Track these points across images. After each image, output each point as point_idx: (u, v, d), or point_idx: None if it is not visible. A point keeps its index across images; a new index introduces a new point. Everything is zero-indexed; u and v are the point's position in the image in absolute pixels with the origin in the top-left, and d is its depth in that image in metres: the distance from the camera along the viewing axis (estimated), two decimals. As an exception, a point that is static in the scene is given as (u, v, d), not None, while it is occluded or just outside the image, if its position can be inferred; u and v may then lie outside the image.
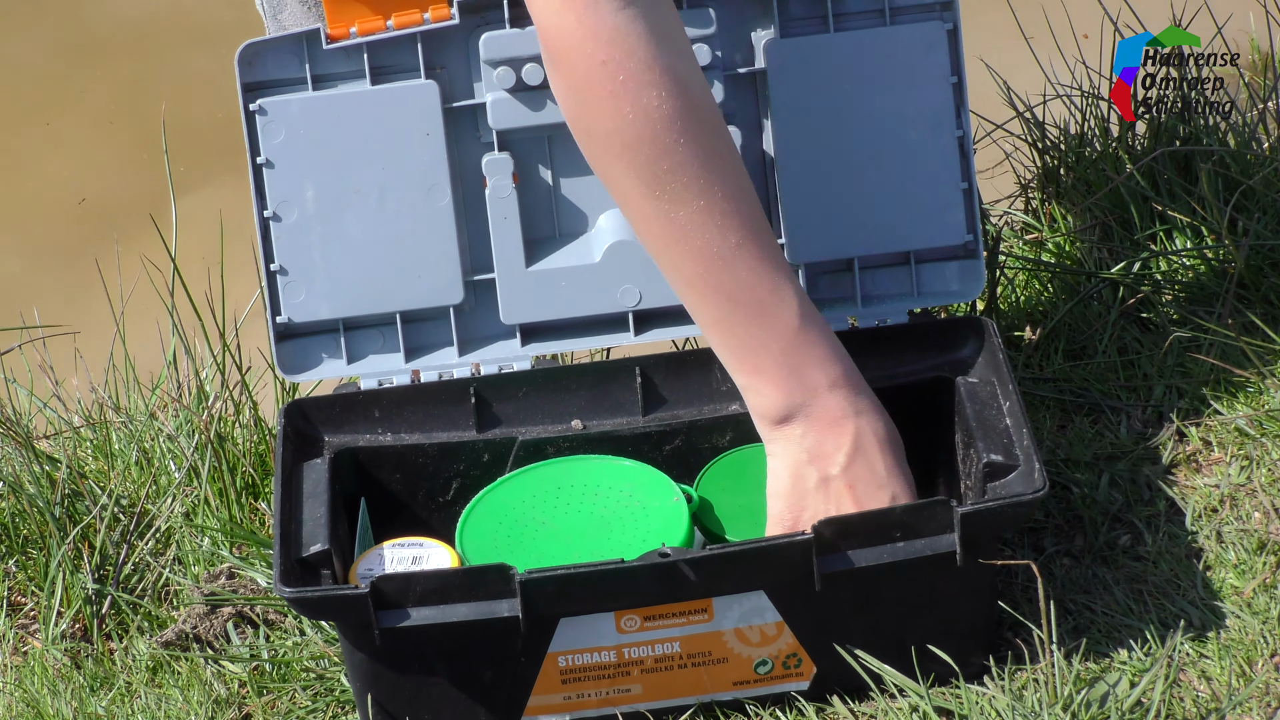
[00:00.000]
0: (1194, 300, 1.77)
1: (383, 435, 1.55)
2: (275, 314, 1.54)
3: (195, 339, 1.89)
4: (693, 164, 1.34)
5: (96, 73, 3.14)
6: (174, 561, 1.69)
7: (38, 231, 2.89)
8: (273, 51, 1.51)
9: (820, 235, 1.55)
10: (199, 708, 1.53)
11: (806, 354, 1.39)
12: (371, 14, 1.50)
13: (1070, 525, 1.58)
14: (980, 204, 1.60)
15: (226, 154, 1.71)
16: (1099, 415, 1.69)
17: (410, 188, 1.53)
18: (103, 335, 2.01)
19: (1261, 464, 1.60)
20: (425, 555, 1.46)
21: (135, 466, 1.79)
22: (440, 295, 1.54)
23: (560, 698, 1.41)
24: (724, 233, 1.36)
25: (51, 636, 1.63)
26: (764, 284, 1.38)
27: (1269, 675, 1.41)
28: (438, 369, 1.55)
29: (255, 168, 1.52)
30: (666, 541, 1.43)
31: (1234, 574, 1.51)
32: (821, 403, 1.40)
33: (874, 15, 1.53)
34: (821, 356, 1.39)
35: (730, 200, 1.36)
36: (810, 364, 1.39)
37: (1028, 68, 2.05)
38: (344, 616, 1.36)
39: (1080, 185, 1.94)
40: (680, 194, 1.35)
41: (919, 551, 1.36)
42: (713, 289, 1.38)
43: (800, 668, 1.41)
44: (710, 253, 1.37)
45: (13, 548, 1.74)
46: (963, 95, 1.53)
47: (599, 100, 1.33)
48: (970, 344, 1.54)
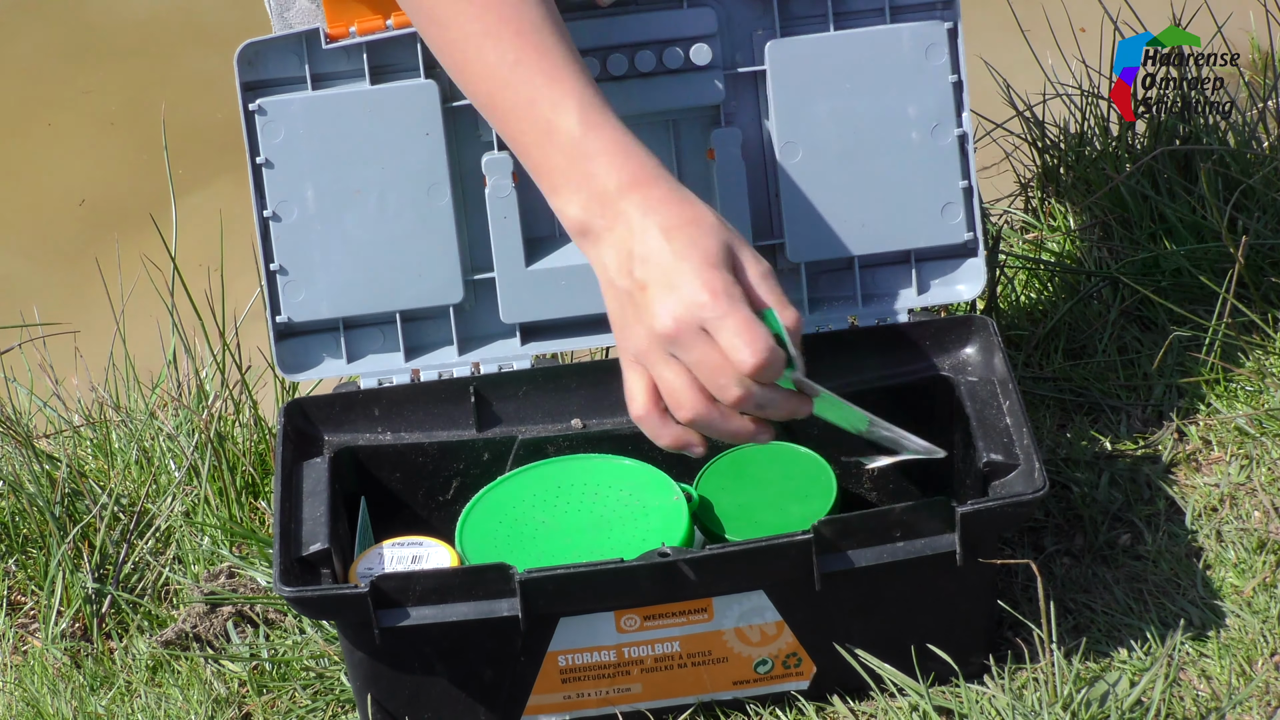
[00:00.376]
0: (1194, 300, 1.77)
1: (383, 434, 1.55)
2: (275, 313, 1.54)
3: (195, 338, 1.90)
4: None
5: (100, 73, 3.14)
6: (174, 561, 1.70)
7: (38, 231, 2.89)
8: (272, 51, 1.51)
9: (820, 234, 1.55)
10: (199, 707, 1.53)
11: (593, 164, 1.33)
12: (371, 13, 1.50)
13: (1070, 524, 1.58)
14: (980, 203, 1.60)
15: (229, 153, 1.71)
16: (1099, 414, 1.69)
17: (410, 187, 1.53)
18: (103, 334, 2.01)
19: (1261, 463, 1.60)
20: (425, 554, 1.46)
21: (135, 465, 1.79)
22: (440, 294, 1.54)
23: (560, 697, 1.41)
24: (501, 52, 1.34)
25: (51, 636, 1.63)
26: (544, 99, 1.34)
27: (1269, 674, 1.41)
28: (437, 368, 1.55)
29: (254, 167, 1.52)
30: (666, 541, 1.43)
31: (1234, 573, 1.51)
32: (611, 209, 1.33)
33: (875, 14, 1.53)
34: (608, 163, 1.33)
35: (507, 20, 1.33)
36: (597, 173, 1.33)
37: (1028, 67, 2.05)
38: (344, 616, 1.36)
39: (1080, 184, 1.95)
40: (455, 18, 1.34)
41: (919, 551, 1.36)
42: (501, 111, 1.35)
43: (800, 667, 1.41)
44: (491, 74, 1.35)
45: (12, 547, 1.74)
46: (963, 94, 1.53)
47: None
48: (971, 344, 1.54)
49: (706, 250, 1.30)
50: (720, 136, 1.54)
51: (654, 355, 1.32)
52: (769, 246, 1.56)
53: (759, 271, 1.32)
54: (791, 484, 1.50)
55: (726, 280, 1.30)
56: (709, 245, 1.30)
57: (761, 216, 1.56)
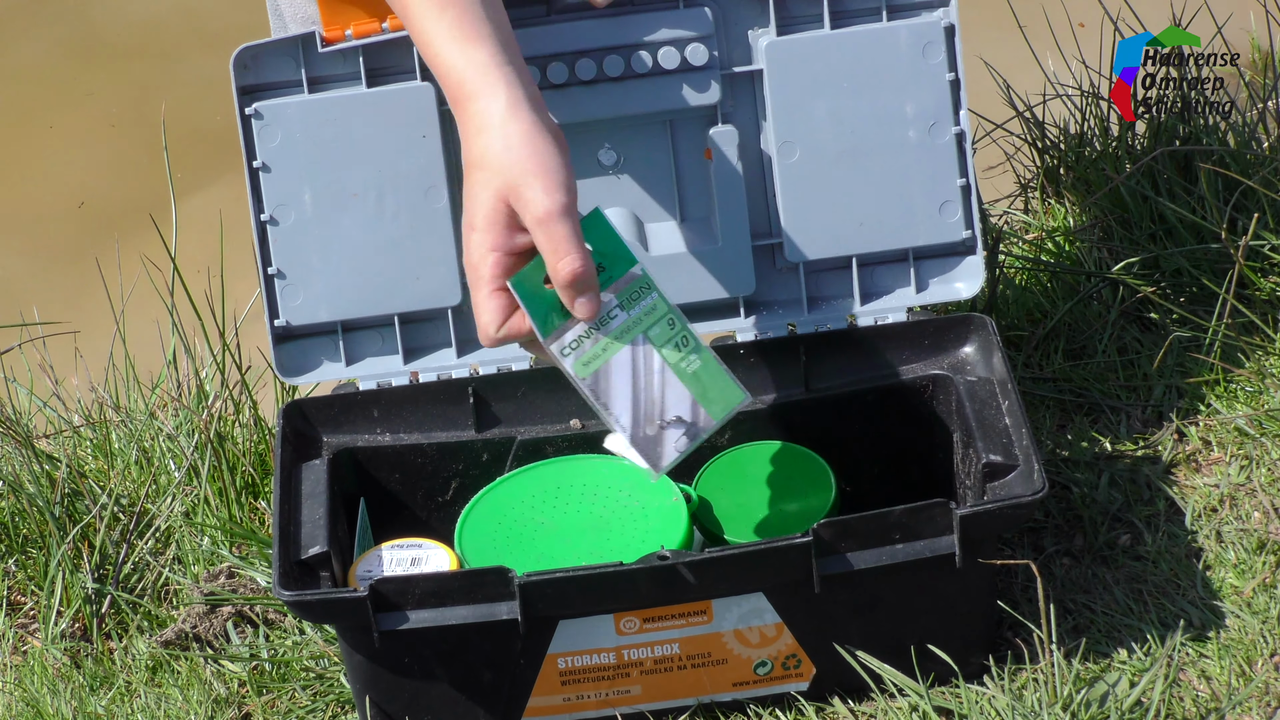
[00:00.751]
0: (1194, 300, 1.77)
1: (382, 435, 1.55)
2: (273, 317, 1.54)
3: (195, 339, 1.90)
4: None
5: (102, 74, 3.14)
6: (174, 561, 1.70)
7: (38, 232, 2.89)
8: (268, 55, 1.51)
9: (819, 233, 1.55)
10: (199, 707, 1.53)
11: (435, 67, 1.34)
12: (367, 16, 1.50)
13: (1070, 525, 1.58)
14: (980, 202, 1.59)
15: (230, 155, 1.71)
16: (1099, 415, 1.69)
17: (407, 190, 1.52)
18: (103, 335, 2.01)
19: (1261, 464, 1.60)
20: (424, 556, 1.46)
21: (135, 466, 1.79)
22: (438, 297, 1.54)
23: (560, 699, 1.41)
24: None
25: (51, 636, 1.63)
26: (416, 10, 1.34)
27: (1269, 675, 1.41)
28: (436, 370, 1.55)
29: (252, 171, 1.52)
30: (665, 541, 1.43)
31: (1234, 574, 1.50)
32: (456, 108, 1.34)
33: (871, 13, 1.53)
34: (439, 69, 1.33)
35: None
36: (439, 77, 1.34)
37: (1028, 67, 2.05)
38: (343, 620, 1.36)
39: (1080, 185, 1.94)
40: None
41: (918, 553, 1.36)
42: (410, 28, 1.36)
43: (800, 668, 1.41)
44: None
45: (12, 547, 1.74)
46: (960, 92, 1.53)
47: None
48: (970, 343, 1.54)
49: (476, 205, 1.30)
50: (718, 136, 1.54)
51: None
52: (767, 246, 1.56)
53: (533, 217, 1.29)
54: (790, 483, 1.50)
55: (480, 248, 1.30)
56: (480, 198, 1.30)
57: (759, 216, 1.56)
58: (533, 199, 1.28)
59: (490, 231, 1.30)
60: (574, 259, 1.28)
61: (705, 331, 1.58)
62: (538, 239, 1.29)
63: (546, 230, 1.28)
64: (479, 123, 1.30)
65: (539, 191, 1.28)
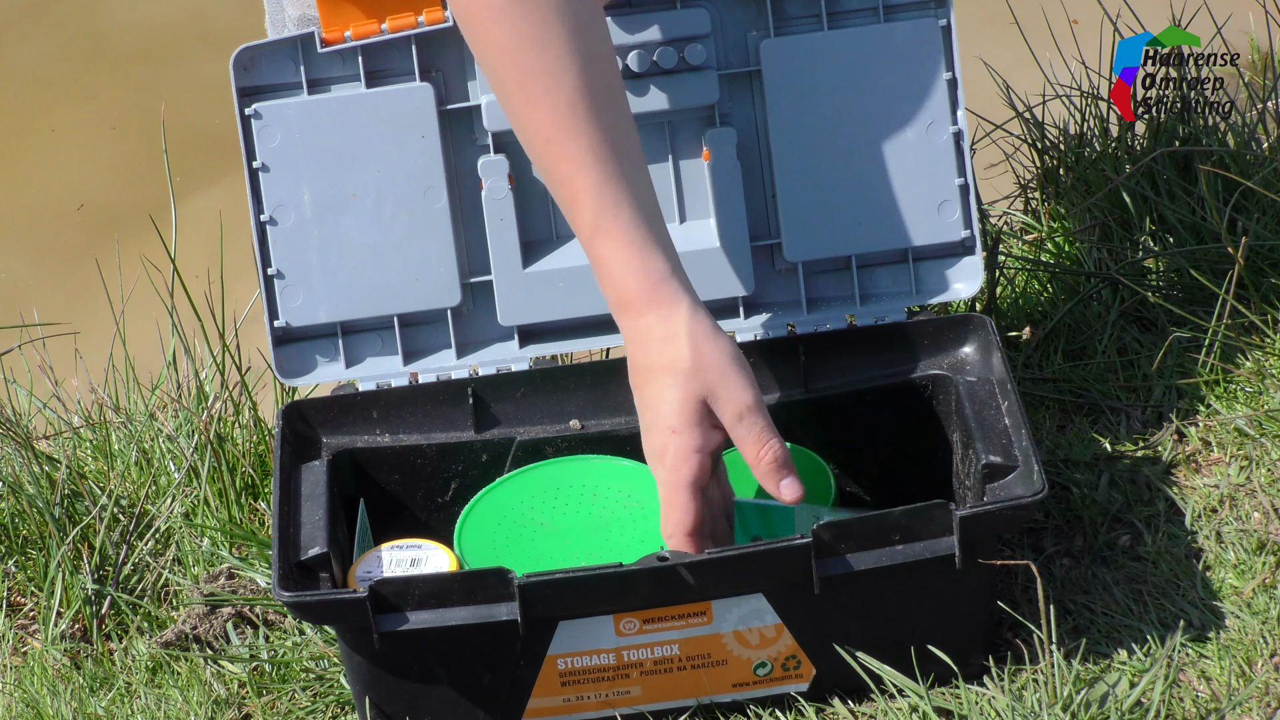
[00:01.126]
0: (1193, 300, 1.77)
1: (381, 436, 1.55)
2: (273, 318, 1.54)
3: (195, 340, 1.90)
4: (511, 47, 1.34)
5: (105, 78, 3.15)
6: (173, 562, 1.70)
7: (38, 233, 2.89)
8: (268, 56, 1.51)
9: (818, 233, 1.55)
10: (199, 708, 1.53)
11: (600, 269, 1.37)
12: (366, 17, 1.50)
13: (1070, 525, 1.58)
14: (979, 202, 1.60)
15: (231, 157, 1.71)
16: (1098, 415, 1.69)
17: (406, 190, 1.53)
18: (102, 336, 2.01)
19: (1261, 464, 1.60)
20: (424, 557, 1.46)
21: (135, 467, 1.79)
22: (438, 298, 1.54)
23: (560, 700, 1.41)
24: (539, 126, 1.36)
25: (51, 637, 1.63)
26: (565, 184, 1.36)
27: (1269, 675, 1.41)
28: (436, 372, 1.55)
29: (251, 172, 1.52)
30: (664, 543, 1.43)
31: (1233, 574, 1.50)
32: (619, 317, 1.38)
33: (869, 13, 1.53)
34: (607, 273, 1.37)
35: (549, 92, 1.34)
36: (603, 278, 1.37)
37: (1027, 68, 2.05)
38: (343, 621, 1.36)
39: (1080, 185, 1.94)
40: (503, 82, 1.36)
41: (918, 554, 1.36)
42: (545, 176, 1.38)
43: (800, 669, 1.41)
44: (533, 140, 1.37)
45: (12, 548, 1.74)
46: (957, 91, 1.53)
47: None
48: (969, 343, 1.54)
49: (671, 407, 1.36)
50: (716, 137, 1.54)
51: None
52: (766, 246, 1.56)
53: (734, 413, 1.36)
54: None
55: (685, 449, 1.36)
56: (674, 400, 1.36)
57: (758, 216, 1.56)
58: (732, 396, 1.36)
59: (693, 433, 1.36)
60: (774, 445, 1.36)
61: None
62: (736, 433, 1.36)
63: (749, 421, 1.36)
64: (662, 331, 1.36)
65: (736, 388, 1.36)
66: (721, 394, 1.36)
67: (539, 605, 1.34)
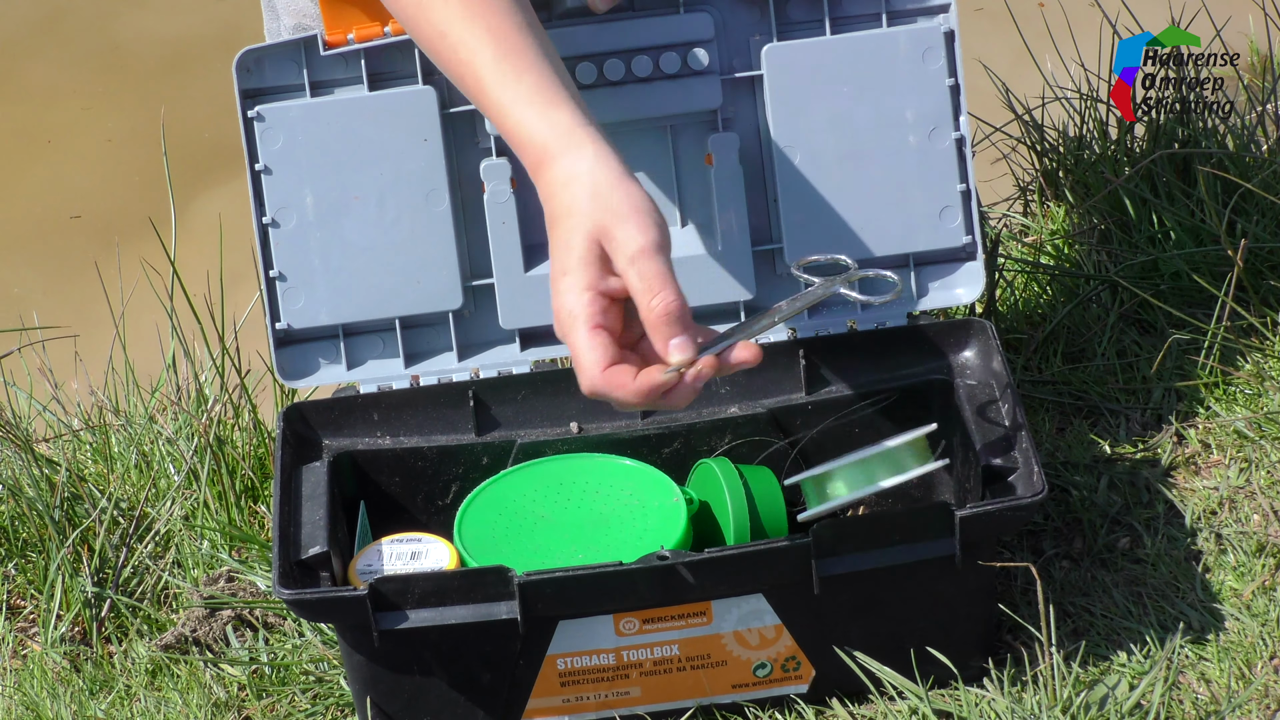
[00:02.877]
0: (1193, 303, 1.77)
1: (381, 438, 1.55)
2: (275, 320, 1.54)
3: (195, 343, 1.90)
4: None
5: (115, 89, 3.15)
6: (173, 565, 1.70)
7: (39, 237, 2.90)
8: (271, 58, 1.51)
9: (819, 238, 1.55)
10: (198, 711, 1.53)
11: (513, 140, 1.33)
12: (369, 20, 1.50)
13: (1069, 528, 1.58)
14: (979, 206, 1.60)
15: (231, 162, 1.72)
16: (1098, 418, 1.69)
17: (409, 193, 1.53)
18: (102, 339, 2.01)
19: (1260, 466, 1.60)
20: (424, 551, 1.47)
21: (134, 470, 1.79)
22: (439, 300, 1.54)
23: (559, 700, 1.41)
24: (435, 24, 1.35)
25: (51, 640, 1.63)
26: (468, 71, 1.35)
27: (1268, 677, 1.41)
28: (437, 374, 1.55)
29: (254, 174, 1.52)
30: (664, 541, 1.43)
31: (1233, 576, 1.51)
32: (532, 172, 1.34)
33: (871, 18, 1.53)
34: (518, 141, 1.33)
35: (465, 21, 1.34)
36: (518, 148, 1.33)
37: (1027, 70, 2.05)
38: (342, 618, 1.37)
39: (1079, 188, 1.95)
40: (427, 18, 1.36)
41: (918, 555, 1.36)
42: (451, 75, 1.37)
43: (799, 670, 1.41)
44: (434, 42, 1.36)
45: (12, 551, 1.74)
46: (960, 97, 1.54)
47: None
48: (970, 347, 1.55)
49: (567, 251, 1.28)
50: (718, 141, 1.54)
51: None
52: (767, 251, 1.56)
53: (626, 255, 1.27)
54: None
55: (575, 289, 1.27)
56: (568, 241, 1.28)
57: (760, 221, 1.56)
58: (627, 237, 1.27)
59: (584, 272, 1.27)
60: (668, 294, 1.26)
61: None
62: (629, 279, 1.27)
63: (640, 267, 1.27)
64: (565, 176, 1.29)
65: (632, 229, 1.27)
66: (616, 234, 1.26)
67: (539, 603, 1.34)
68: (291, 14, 1.60)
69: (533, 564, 1.42)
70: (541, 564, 1.43)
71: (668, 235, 1.28)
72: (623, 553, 1.43)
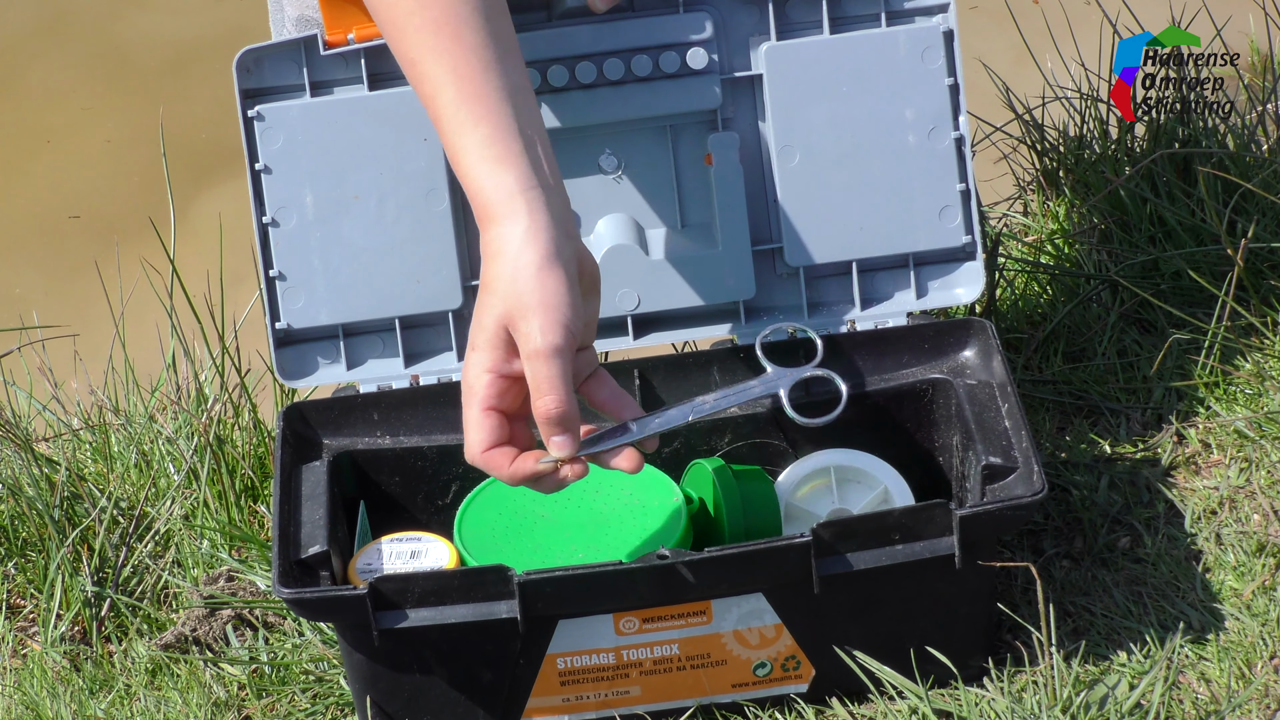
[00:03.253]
0: (1193, 302, 1.77)
1: (381, 438, 1.55)
2: (274, 320, 1.54)
3: (195, 342, 1.90)
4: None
5: (117, 91, 3.15)
6: (173, 564, 1.70)
7: (38, 236, 2.90)
8: (271, 58, 1.51)
9: (819, 238, 1.56)
10: (198, 710, 1.53)
11: (462, 184, 1.34)
12: (369, 20, 1.50)
13: (1070, 527, 1.58)
14: (979, 206, 1.60)
15: (231, 162, 1.72)
16: (1098, 417, 1.69)
17: (409, 193, 1.53)
18: (102, 338, 2.01)
19: (1261, 466, 1.60)
20: (424, 549, 1.47)
21: (134, 469, 1.79)
22: (439, 300, 1.54)
23: (559, 699, 1.41)
24: (405, 49, 1.35)
25: (50, 639, 1.63)
26: (429, 106, 1.34)
27: (1268, 677, 1.41)
28: (437, 374, 1.56)
29: (254, 174, 1.52)
30: (663, 540, 1.43)
31: (1233, 576, 1.51)
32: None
33: (871, 18, 1.53)
34: (466, 188, 1.33)
35: (413, 14, 1.33)
36: (467, 193, 1.34)
37: (1027, 70, 2.06)
38: (342, 617, 1.37)
39: (1079, 187, 1.95)
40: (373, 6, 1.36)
41: (918, 554, 1.36)
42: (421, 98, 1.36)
43: (799, 670, 1.41)
44: (402, 62, 1.36)
45: (12, 550, 1.74)
46: (959, 97, 1.54)
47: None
48: (970, 347, 1.55)
49: (477, 324, 1.32)
50: (718, 141, 1.54)
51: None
52: (767, 251, 1.56)
53: (523, 351, 1.30)
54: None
55: (477, 367, 1.32)
56: (480, 318, 1.32)
57: (760, 220, 1.56)
58: (528, 333, 1.30)
59: (488, 353, 1.32)
60: (552, 399, 1.30)
61: (705, 336, 1.58)
62: (527, 372, 1.31)
63: (533, 367, 1.30)
64: (495, 248, 1.31)
65: (535, 328, 1.29)
66: (520, 327, 1.29)
67: (539, 602, 1.34)
68: (295, 4, 1.60)
69: (533, 563, 1.43)
70: (541, 563, 1.43)
71: (573, 334, 1.30)
72: (623, 552, 1.43)
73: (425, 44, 1.33)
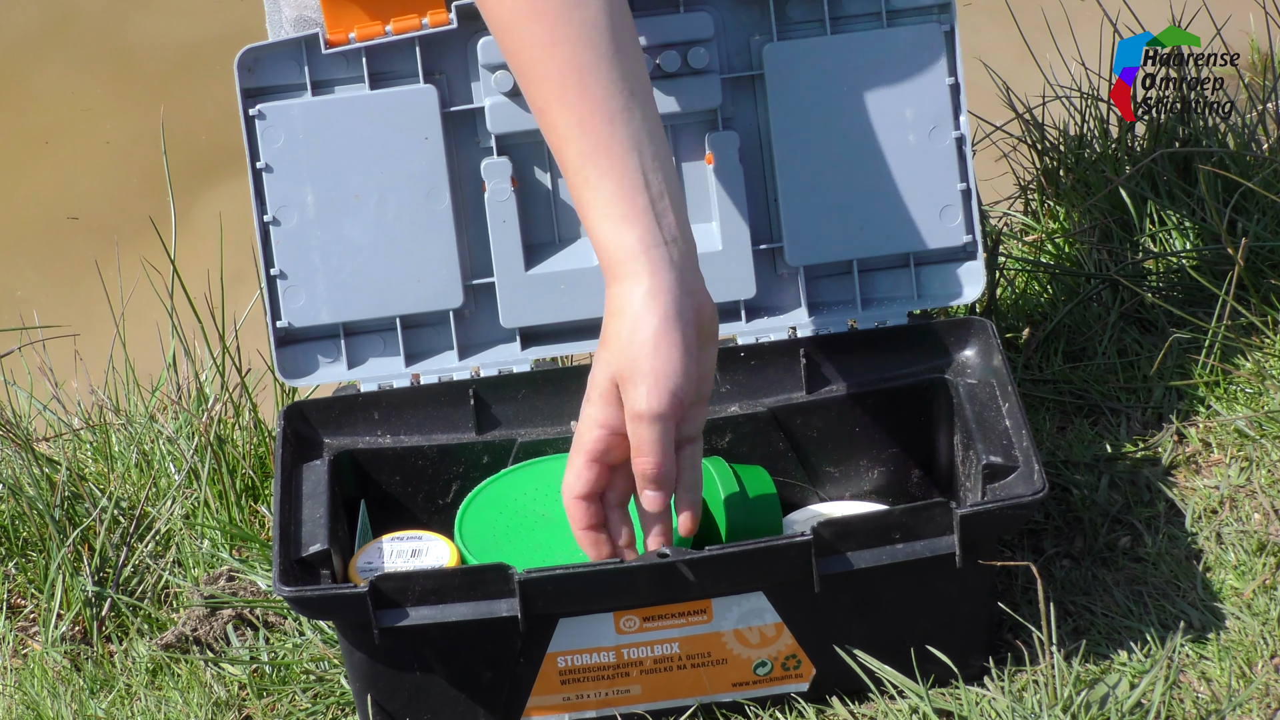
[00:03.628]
0: (1193, 302, 1.78)
1: (382, 437, 1.55)
2: (275, 319, 1.54)
3: (195, 341, 1.90)
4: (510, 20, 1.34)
5: (126, 88, 3.15)
6: (174, 564, 1.70)
7: (40, 236, 2.90)
8: (272, 57, 1.51)
9: (820, 238, 1.56)
10: (199, 710, 1.53)
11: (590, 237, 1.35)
12: (370, 19, 1.50)
13: (1070, 527, 1.58)
14: (980, 205, 1.60)
15: (232, 162, 1.72)
16: (1099, 417, 1.69)
17: (409, 192, 1.53)
18: (102, 338, 2.01)
19: (1261, 465, 1.60)
20: (424, 548, 1.47)
21: (135, 469, 1.79)
22: (440, 299, 1.55)
23: (559, 698, 1.41)
24: (533, 95, 1.35)
25: (51, 639, 1.63)
26: (558, 155, 1.35)
27: (1269, 677, 1.41)
28: (438, 373, 1.56)
29: (255, 172, 1.52)
30: (664, 541, 1.43)
31: (1234, 575, 1.51)
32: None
33: (871, 18, 1.53)
34: (592, 242, 1.35)
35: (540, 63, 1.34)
36: (594, 246, 1.36)
37: (1027, 69, 2.06)
38: (343, 616, 1.37)
39: (1080, 186, 1.95)
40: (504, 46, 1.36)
41: (918, 553, 1.36)
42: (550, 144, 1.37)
43: (799, 669, 1.41)
44: (532, 108, 1.36)
45: (12, 550, 1.74)
46: (960, 97, 1.54)
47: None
48: (970, 346, 1.55)
49: (593, 378, 1.35)
50: (718, 140, 1.54)
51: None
52: (768, 250, 1.56)
53: (628, 413, 1.34)
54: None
55: (590, 420, 1.35)
56: (595, 372, 1.35)
57: (760, 220, 1.56)
58: (635, 397, 1.33)
59: (600, 408, 1.35)
60: (650, 460, 1.34)
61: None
62: (629, 431, 1.34)
63: (636, 428, 1.34)
64: (616, 305, 1.33)
65: (643, 392, 1.32)
66: (629, 390, 1.33)
67: (539, 601, 1.34)
68: (293, 5, 1.60)
69: (533, 562, 1.43)
70: (542, 562, 1.43)
71: (681, 397, 1.33)
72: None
73: (552, 94, 1.34)
